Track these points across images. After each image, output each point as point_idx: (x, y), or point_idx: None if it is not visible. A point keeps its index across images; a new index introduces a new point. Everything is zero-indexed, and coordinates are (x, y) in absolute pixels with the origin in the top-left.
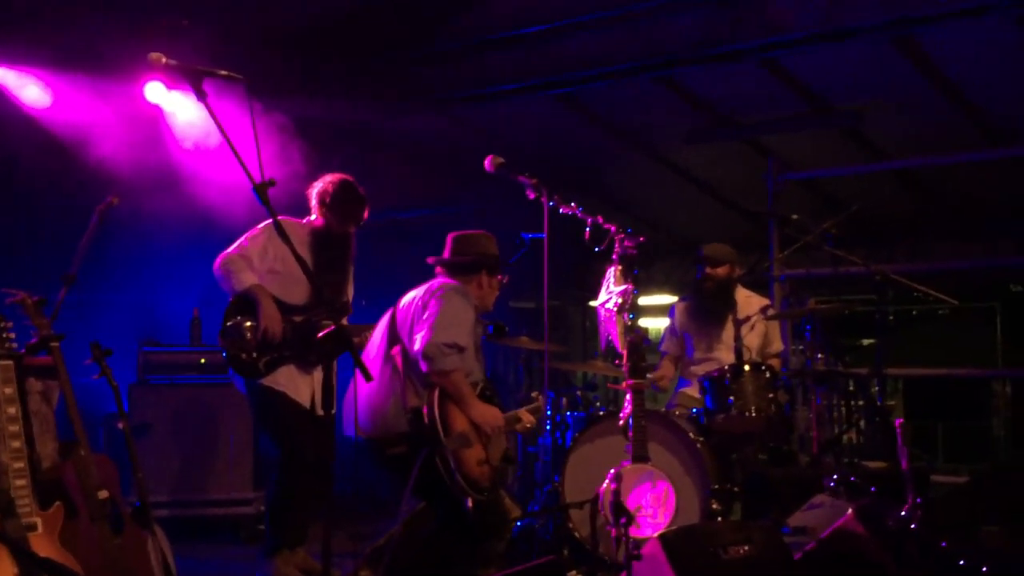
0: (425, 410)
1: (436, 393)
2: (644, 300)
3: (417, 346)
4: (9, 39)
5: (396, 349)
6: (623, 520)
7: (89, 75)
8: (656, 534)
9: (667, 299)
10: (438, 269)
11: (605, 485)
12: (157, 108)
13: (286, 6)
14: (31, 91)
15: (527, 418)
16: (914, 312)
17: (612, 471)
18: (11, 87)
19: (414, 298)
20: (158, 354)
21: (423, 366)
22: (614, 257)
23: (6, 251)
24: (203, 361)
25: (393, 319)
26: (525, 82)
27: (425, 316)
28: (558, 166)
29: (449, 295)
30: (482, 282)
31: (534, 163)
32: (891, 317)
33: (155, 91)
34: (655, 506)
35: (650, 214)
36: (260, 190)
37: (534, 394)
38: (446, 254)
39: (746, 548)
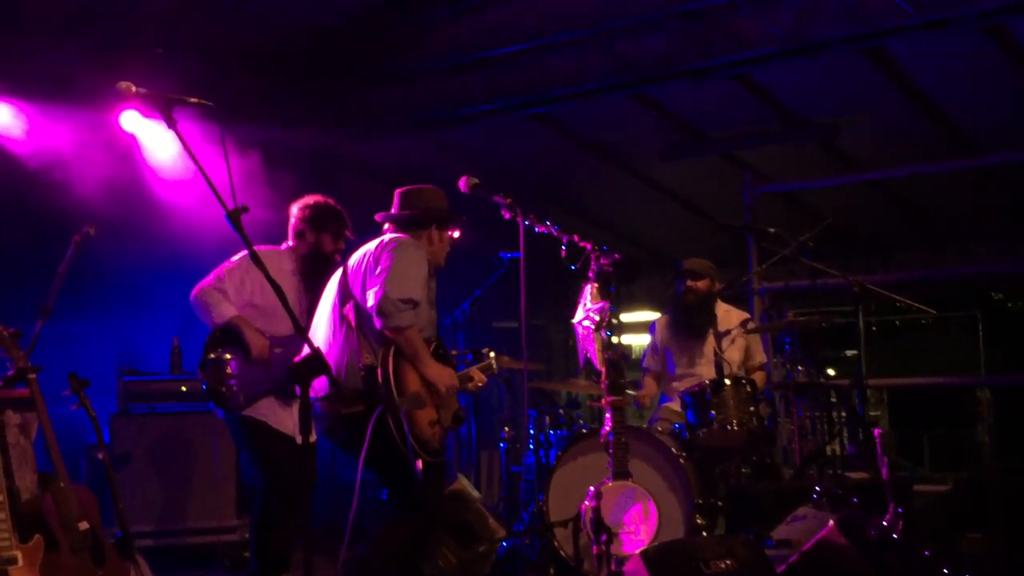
0: (379, 369)
1: (391, 351)
2: (626, 317)
3: (371, 302)
4: None
5: (349, 306)
6: (604, 538)
7: (63, 104)
8: (638, 551)
9: (649, 315)
10: (388, 226)
11: (586, 503)
12: (133, 136)
13: (257, 30)
14: (2, 115)
15: (478, 376)
16: (897, 323)
17: (592, 489)
18: None
19: (366, 253)
20: (139, 383)
21: (377, 322)
22: (590, 275)
23: None
24: (184, 389)
25: (344, 276)
26: (499, 102)
27: (378, 271)
28: (536, 185)
29: (402, 248)
30: (432, 237)
31: (511, 183)
32: (874, 328)
33: (130, 120)
34: (637, 523)
35: (629, 231)
36: (233, 216)
37: (485, 350)
38: (394, 209)
39: (728, 562)
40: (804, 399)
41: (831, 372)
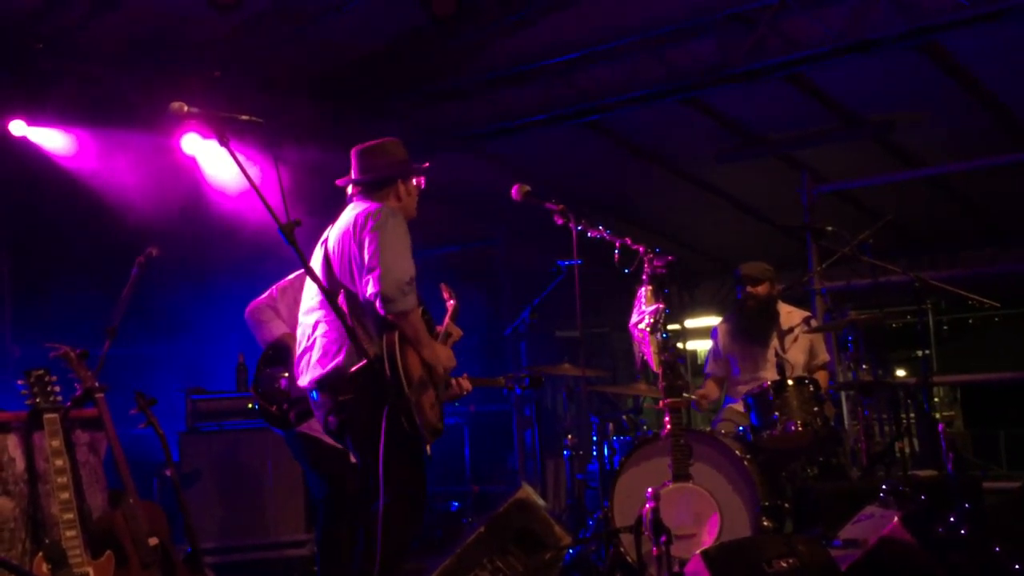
0: (386, 360)
1: (396, 339)
2: (690, 323)
3: (372, 288)
4: (40, 98)
5: (341, 297)
6: (663, 539)
7: (125, 129)
8: (698, 551)
9: (713, 320)
10: (353, 191)
11: (646, 506)
12: (193, 158)
13: (314, 54)
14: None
15: (455, 331)
16: (969, 321)
17: (650, 491)
18: (48, 146)
19: (342, 236)
20: (206, 401)
21: (381, 309)
22: (644, 277)
23: (54, 307)
24: (250, 406)
25: (328, 264)
26: (552, 112)
27: (367, 255)
28: (591, 194)
29: (380, 223)
30: (400, 191)
31: (566, 193)
32: (945, 327)
33: (191, 142)
34: (698, 525)
35: (689, 237)
36: (286, 230)
37: (443, 285)
38: (355, 174)
39: (791, 561)
40: (870, 398)
41: (902, 372)
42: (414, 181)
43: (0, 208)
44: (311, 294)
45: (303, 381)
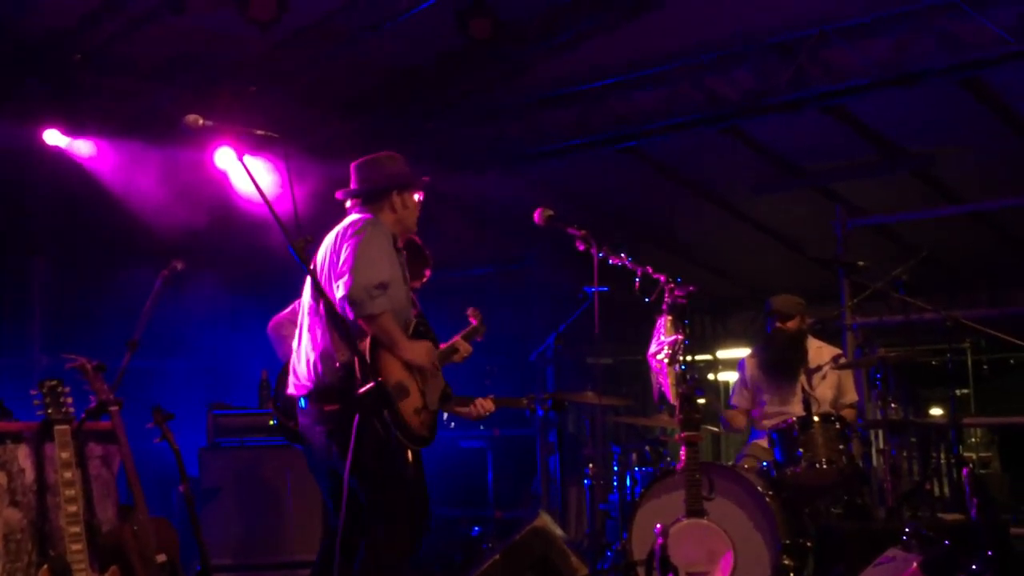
0: (357, 365)
1: (367, 344)
2: (722, 353)
3: (340, 292)
4: (77, 110)
5: (322, 305)
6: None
7: (159, 143)
8: None
9: (745, 351)
10: (351, 203)
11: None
12: (224, 174)
13: (352, 72)
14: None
15: (463, 347)
16: (1011, 361)
17: (659, 526)
18: (83, 157)
19: (326, 246)
20: (228, 417)
21: (350, 313)
22: (664, 307)
23: (75, 319)
24: (272, 423)
25: (314, 275)
26: (588, 137)
27: (342, 261)
28: (627, 220)
29: (361, 233)
30: (395, 204)
31: (600, 217)
32: (985, 367)
33: (225, 157)
34: (711, 563)
35: (723, 265)
36: (296, 247)
37: (470, 310)
38: (352, 185)
39: None
40: (898, 437)
41: (938, 411)
42: (415, 196)
43: (36, 218)
44: (304, 304)
45: (291, 390)
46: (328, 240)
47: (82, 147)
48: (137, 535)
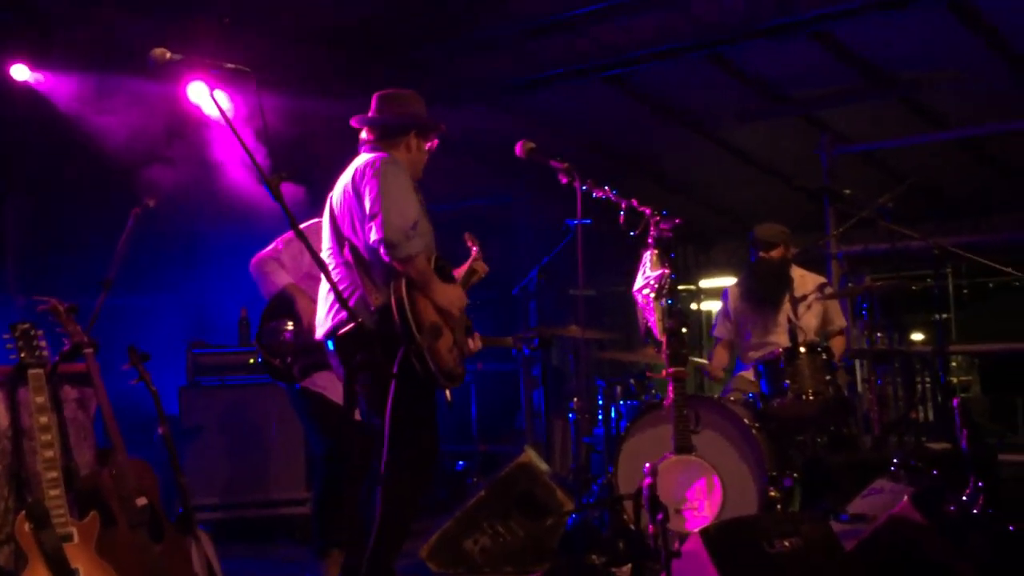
0: (395, 306)
1: (403, 286)
2: (705, 282)
3: (375, 235)
4: (44, 43)
5: (347, 249)
6: (660, 516)
7: (128, 76)
8: (698, 529)
9: (729, 281)
10: (364, 134)
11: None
12: (199, 108)
13: (328, 4)
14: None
15: (480, 267)
16: (990, 285)
17: (648, 465)
18: (52, 92)
19: (344, 189)
20: (207, 355)
21: (385, 255)
22: (649, 241)
23: (49, 258)
24: (252, 361)
25: (333, 218)
26: (572, 66)
27: (368, 204)
28: (612, 150)
29: (380, 171)
30: (411, 144)
31: (585, 149)
32: (965, 291)
33: (197, 91)
34: (701, 498)
35: (708, 195)
36: (271, 184)
37: (466, 235)
38: (371, 113)
39: (792, 540)
40: (885, 366)
41: (919, 336)
42: (426, 144)
43: (3, 156)
44: (324, 248)
45: (319, 333)
46: (344, 181)
47: (50, 82)
48: (116, 479)
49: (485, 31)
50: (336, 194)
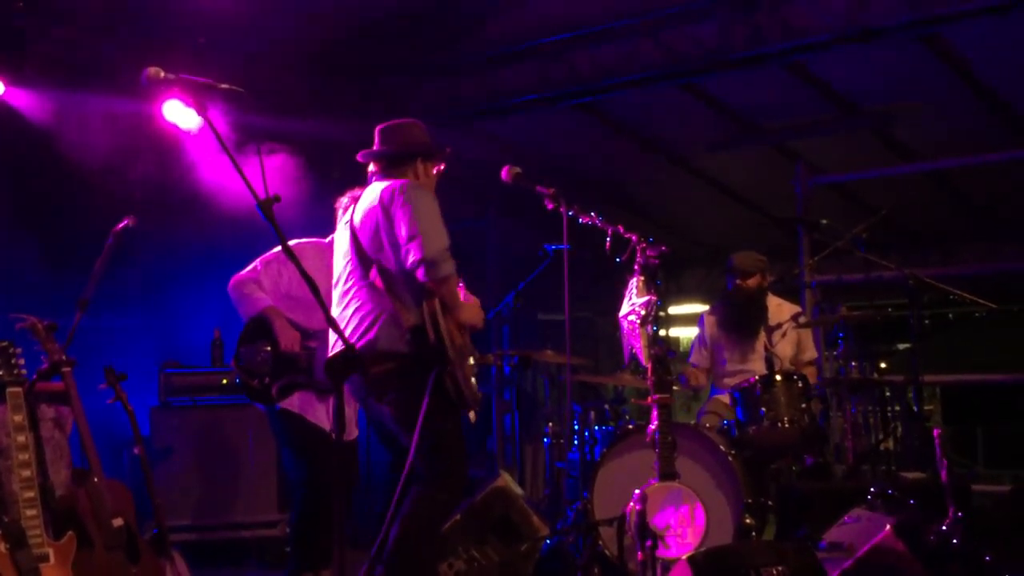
0: (429, 326)
1: (436, 305)
2: (675, 309)
3: (414, 256)
4: (16, 59)
5: (374, 271)
6: (649, 543)
7: (104, 95)
8: (684, 556)
9: (699, 308)
10: (372, 167)
11: (631, 506)
12: (175, 128)
13: (304, 26)
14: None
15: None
16: (950, 316)
17: (637, 492)
18: (23, 108)
19: (368, 212)
20: (180, 376)
21: (423, 276)
22: (636, 267)
23: (24, 277)
24: (224, 382)
25: (356, 241)
26: (544, 93)
27: (405, 227)
28: (583, 178)
29: (409, 195)
30: (418, 171)
31: (558, 175)
32: (927, 321)
33: (173, 110)
34: (684, 525)
35: (679, 223)
36: (264, 206)
37: None
38: (376, 147)
39: (779, 569)
40: (857, 395)
41: (883, 365)
42: (433, 168)
43: None
44: (340, 270)
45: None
46: (365, 205)
47: (22, 97)
48: (92, 499)
49: (457, 57)
50: (359, 217)
